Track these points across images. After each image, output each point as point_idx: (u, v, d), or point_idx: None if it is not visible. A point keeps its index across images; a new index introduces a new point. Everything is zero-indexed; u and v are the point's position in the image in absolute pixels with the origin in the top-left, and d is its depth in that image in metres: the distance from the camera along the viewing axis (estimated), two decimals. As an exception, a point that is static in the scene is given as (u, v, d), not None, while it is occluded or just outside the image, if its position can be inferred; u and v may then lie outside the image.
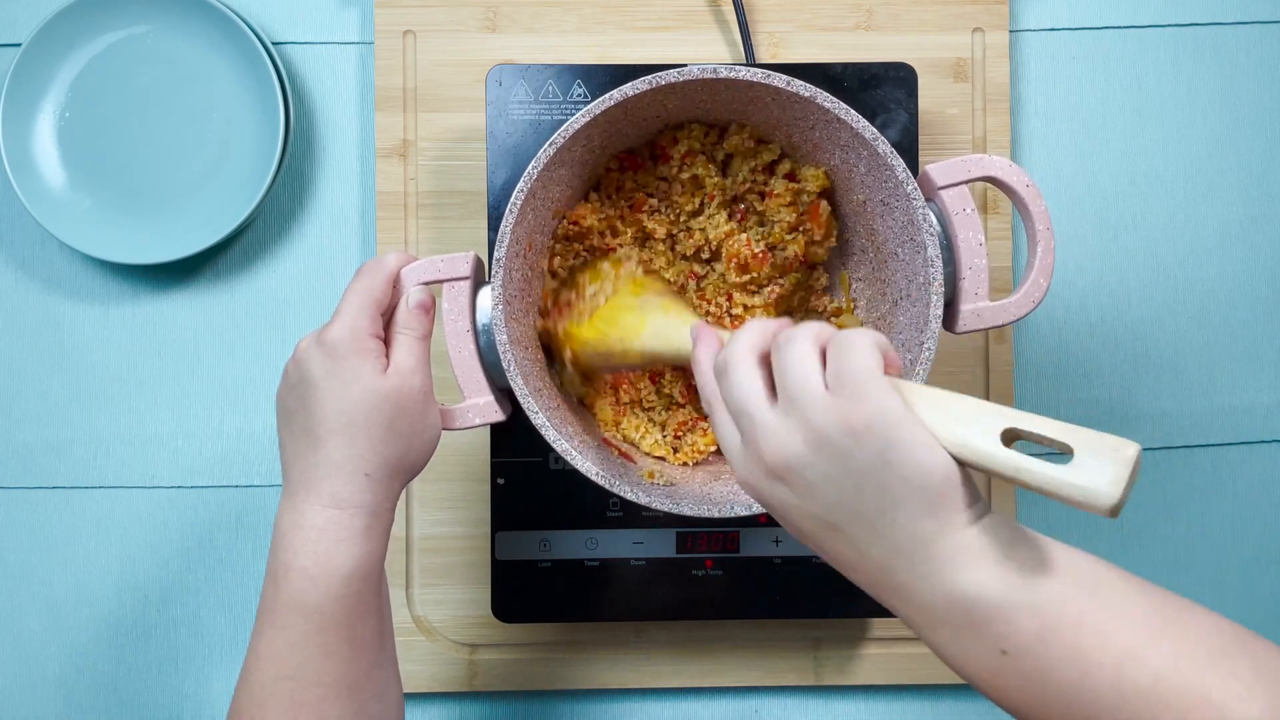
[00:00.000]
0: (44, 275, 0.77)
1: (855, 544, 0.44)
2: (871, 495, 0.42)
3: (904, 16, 0.75)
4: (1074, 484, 0.39)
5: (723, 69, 0.57)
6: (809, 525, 0.45)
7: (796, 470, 0.43)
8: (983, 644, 0.41)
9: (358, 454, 0.52)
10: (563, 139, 0.57)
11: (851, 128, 0.58)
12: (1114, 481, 0.39)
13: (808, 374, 0.43)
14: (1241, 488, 0.78)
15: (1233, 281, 0.78)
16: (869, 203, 0.61)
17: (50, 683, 0.76)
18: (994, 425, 0.41)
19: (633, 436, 0.66)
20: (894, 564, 0.43)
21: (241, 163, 0.75)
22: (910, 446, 0.41)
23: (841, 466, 0.42)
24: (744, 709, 0.77)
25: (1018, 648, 0.41)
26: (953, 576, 0.41)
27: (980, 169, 0.58)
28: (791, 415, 0.43)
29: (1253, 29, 0.78)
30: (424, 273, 0.57)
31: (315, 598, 0.51)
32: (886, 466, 0.41)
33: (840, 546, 0.44)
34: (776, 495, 0.45)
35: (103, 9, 0.73)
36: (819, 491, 0.43)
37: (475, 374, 0.58)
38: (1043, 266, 0.58)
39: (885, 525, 0.42)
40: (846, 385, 0.42)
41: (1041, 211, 0.58)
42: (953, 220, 0.58)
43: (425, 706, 0.76)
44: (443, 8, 0.75)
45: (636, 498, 0.57)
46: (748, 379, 0.45)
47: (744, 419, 0.45)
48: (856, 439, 0.41)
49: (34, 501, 0.76)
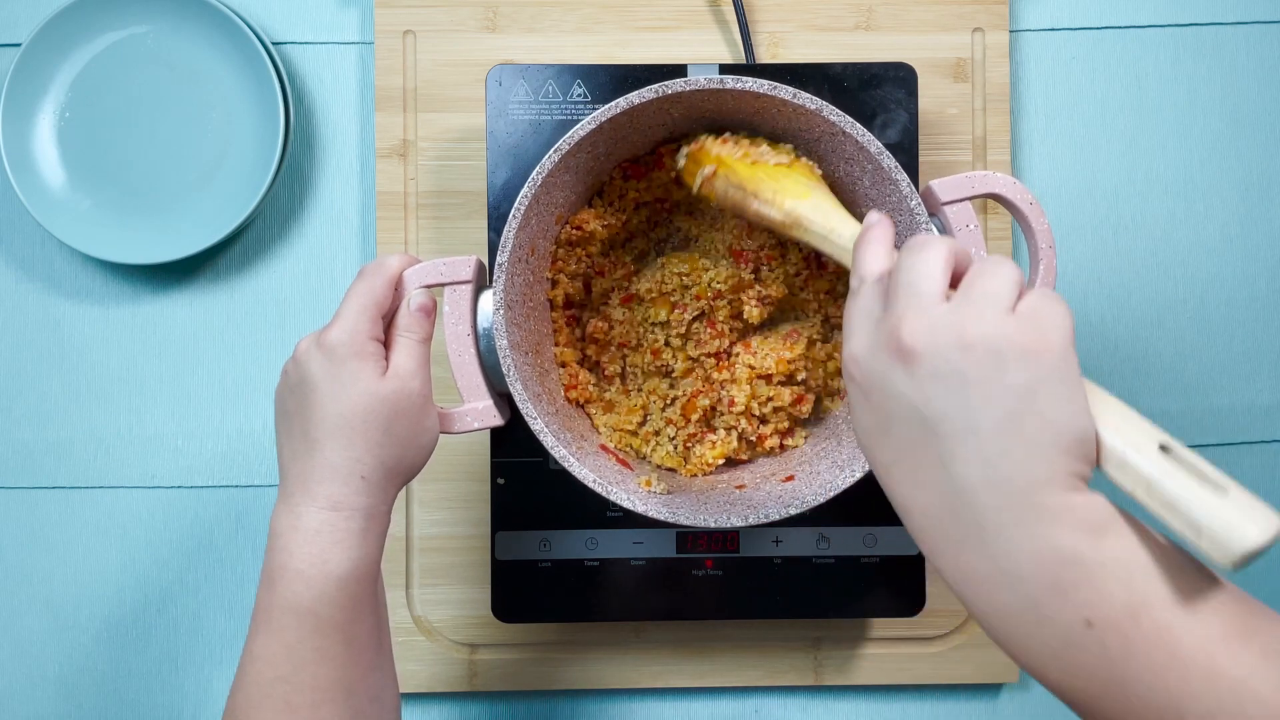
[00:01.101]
0: (44, 275, 0.77)
1: (947, 461, 0.40)
2: (997, 416, 0.39)
3: (904, 16, 0.75)
4: (1220, 509, 0.37)
5: (729, 80, 0.57)
6: (902, 422, 0.41)
7: (930, 356, 0.40)
8: (1067, 611, 0.38)
9: (355, 456, 0.52)
10: (567, 146, 0.57)
11: (857, 141, 0.58)
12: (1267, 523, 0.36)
13: (1003, 288, 0.40)
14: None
15: (1233, 281, 0.78)
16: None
17: (50, 683, 0.76)
18: (1156, 435, 0.39)
19: (644, 449, 0.66)
20: (984, 498, 0.39)
21: (241, 163, 0.75)
22: (1068, 394, 0.39)
23: (984, 373, 0.39)
24: (744, 709, 0.77)
25: (1106, 619, 0.38)
26: (1052, 530, 0.38)
27: (984, 186, 0.58)
28: (963, 309, 0.40)
29: (1253, 29, 0.78)
30: (426, 276, 0.57)
31: (310, 600, 0.50)
32: (1032, 397, 0.39)
33: (924, 459, 0.41)
34: (888, 377, 0.41)
35: (103, 9, 0.73)
36: (941, 386, 0.40)
37: (475, 378, 0.58)
38: (1045, 284, 0.58)
39: (996, 452, 0.39)
40: (1038, 317, 0.40)
41: (1044, 230, 0.58)
42: (955, 236, 0.58)
43: (425, 706, 0.76)
44: (443, 8, 0.75)
45: (633, 505, 0.57)
46: (937, 263, 0.42)
47: (907, 292, 0.41)
48: (1021, 356, 0.39)
49: (34, 501, 0.76)
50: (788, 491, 0.60)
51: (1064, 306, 0.41)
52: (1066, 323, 0.40)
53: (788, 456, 0.66)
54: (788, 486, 0.61)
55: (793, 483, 0.61)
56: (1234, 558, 0.36)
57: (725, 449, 0.65)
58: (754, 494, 0.61)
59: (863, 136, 0.57)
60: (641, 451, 0.66)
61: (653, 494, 0.60)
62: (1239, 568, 0.36)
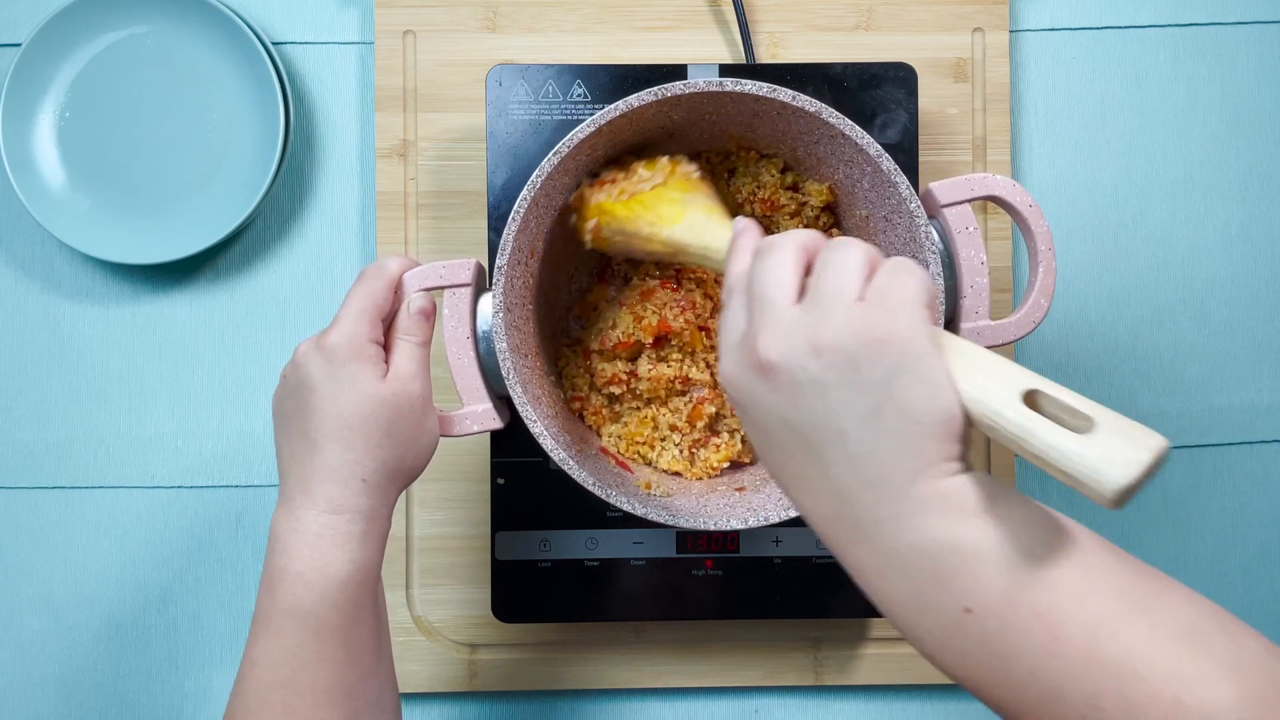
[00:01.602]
0: (44, 275, 0.77)
1: (824, 466, 0.41)
2: (859, 416, 0.39)
3: (904, 16, 0.75)
4: (1083, 456, 0.36)
5: (729, 82, 0.57)
6: (780, 436, 0.42)
7: (787, 368, 0.40)
8: (945, 599, 0.39)
9: (355, 459, 0.52)
10: (567, 148, 0.57)
11: (856, 143, 0.57)
12: (1128, 463, 0.35)
13: (847, 278, 0.40)
14: (1242, 488, 0.78)
15: (1233, 281, 0.78)
16: (872, 218, 0.61)
17: (50, 683, 0.76)
18: (1018, 383, 0.39)
19: (649, 455, 0.66)
20: (861, 496, 0.40)
21: (241, 163, 0.75)
22: (922, 378, 0.39)
23: (839, 376, 0.39)
24: (744, 709, 0.77)
25: (984, 606, 0.38)
26: (925, 521, 0.39)
27: (984, 188, 0.58)
28: (811, 312, 0.40)
29: (1253, 29, 0.78)
30: (425, 278, 0.57)
31: (311, 603, 0.50)
32: (889, 389, 0.39)
33: (804, 466, 0.42)
34: (755, 393, 0.42)
35: (103, 9, 0.73)
36: (803, 396, 0.40)
37: (474, 381, 0.58)
38: (1044, 287, 0.58)
39: (864, 452, 0.39)
40: (884, 300, 0.40)
41: (1044, 232, 0.58)
42: (955, 238, 0.58)
43: (425, 706, 0.76)
44: (443, 8, 0.75)
45: (633, 508, 0.57)
46: (785, 266, 0.42)
47: (759, 304, 0.42)
48: (871, 352, 0.39)
49: (34, 501, 0.76)
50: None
51: (911, 275, 0.40)
52: (915, 293, 0.40)
53: None
54: None
55: None
56: (1108, 500, 0.36)
57: (729, 452, 0.65)
58: (754, 496, 0.61)
59: (862, 139, 0.57)
60: (648, 458, 0.66)
61: (653, 497, 0.60)
62: (1119, 506, 0.36)
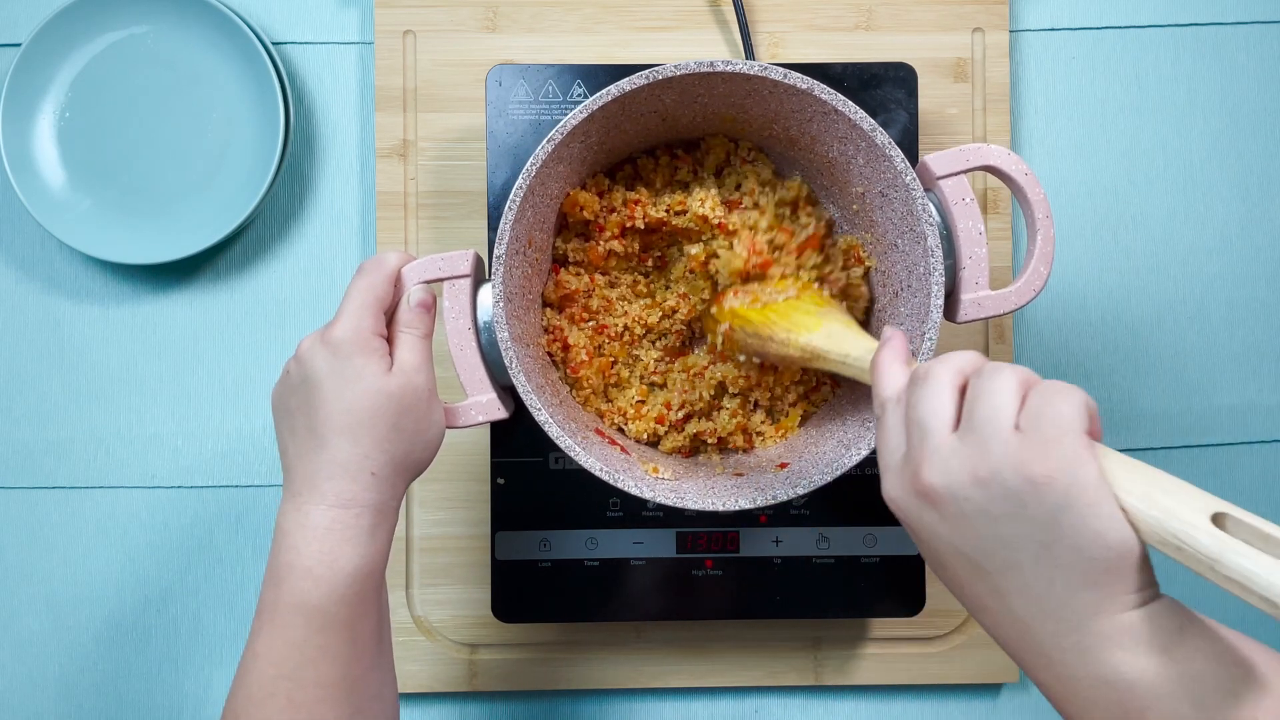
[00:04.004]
0: (44, 275, 0.77)
1: (1002, 595, 0.41)
2: (1031, 550, 0.39)
3: (904, 16, 0.75)
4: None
5: (719, 63, 0.57)
6: (953, 561, 0.42)
7: (949, 499, 0.40)
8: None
9: (363, 453, 0.52)
10: (560, 135, 0.57)
11: (849, 119, 0.58)
12: None
13: (1002, 406, 0.40)
14: (1242, 488, 0.78)
15: (1233, 281, 0.78)
16: (868, 194, 0.61)
17: (50, 683, 0.76)
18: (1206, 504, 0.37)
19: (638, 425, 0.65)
20: (1043, 626, 0.40)
21: (241, 163, 0.75)
22: (1090, 514, 0.38)
23: (1005, 509, 0.39)
24: (744, 709, 0.77)
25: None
26: (1108, 656, 0.38)
27: (979, 158, 0.58)
28: (968, 442, 0.40)
29: (1253, 29, 0.78)
30: (424, 271, 0.57)
31: (319, 598, 0.50)
32: (1056, 527, 0.38)
33: (983, 592, 0.42)
34: (924, 520, 0.42)
35: (103, 9, 0.73)
36: (971, 527, 0.40)
37: (477, 372, 0.58)
38: (1043, 254, 0.58)
39: (1041, 585, 0.39)
40: (1041, 430, 0.39)
41: (1040, 199, 0.58)
42: (952, 210, 0.58)
43: (425, 706, 0.76)
44: (443, 8, 0.75)
45: (641, 492, 0.57)
46: (942, 394, 0.42)
47: (918, 431, 0.42)
48: (1034, 488, 0.38)
49: (34, 501, 0.76)
50: (794, 472, 0.60)
51: (1067, 401, 0.39)
52: (1071, 419, 0.39)
53: (791, 442, 0.66)
54: (792, 468, 0.61)
55: (798, 463, 0.61)
56: None
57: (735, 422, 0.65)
58: (759, 477, 0.61)
59: (855, 114, 0.57)
60: (655, 437, 0.65)
61: (660, 480, 0.60)
62: None
